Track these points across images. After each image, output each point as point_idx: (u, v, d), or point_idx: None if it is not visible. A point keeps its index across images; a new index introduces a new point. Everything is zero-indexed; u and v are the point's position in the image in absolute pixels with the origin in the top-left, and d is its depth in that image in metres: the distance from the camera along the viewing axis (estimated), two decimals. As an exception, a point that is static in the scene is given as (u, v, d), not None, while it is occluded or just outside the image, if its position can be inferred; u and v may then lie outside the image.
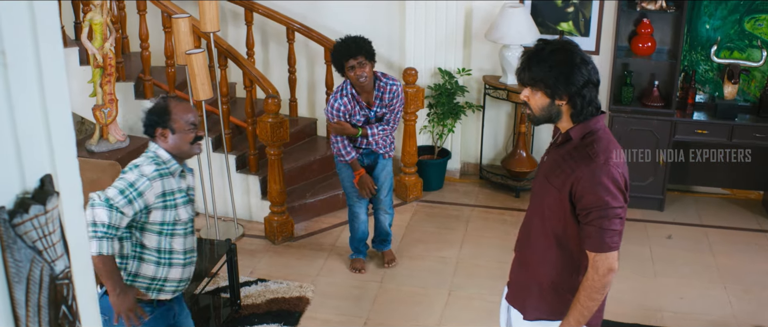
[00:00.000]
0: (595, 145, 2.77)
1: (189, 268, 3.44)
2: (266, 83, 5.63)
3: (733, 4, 5.99)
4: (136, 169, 3.18)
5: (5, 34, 1.23)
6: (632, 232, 5.94)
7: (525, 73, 2.80)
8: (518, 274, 3.14)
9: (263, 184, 6.02)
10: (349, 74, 4.78)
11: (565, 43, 2.81)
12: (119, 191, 3.10)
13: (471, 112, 6.66)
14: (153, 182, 3.16)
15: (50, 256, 1.31)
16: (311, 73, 6.93)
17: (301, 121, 6.73)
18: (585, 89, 2.74)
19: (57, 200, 1.31)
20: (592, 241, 2.76)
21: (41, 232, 1.29)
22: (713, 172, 6.49)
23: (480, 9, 6.48)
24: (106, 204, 3.07)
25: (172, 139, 3.25)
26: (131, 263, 3.29)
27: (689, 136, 6.07)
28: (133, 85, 6.02)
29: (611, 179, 2.72)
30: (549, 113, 2.81)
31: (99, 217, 3.07)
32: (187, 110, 3.31)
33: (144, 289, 3.32)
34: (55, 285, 1.33)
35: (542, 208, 2.92)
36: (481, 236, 5.89)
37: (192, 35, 5.38)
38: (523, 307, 3.10)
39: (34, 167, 1.32)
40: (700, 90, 6.26)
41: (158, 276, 3.32)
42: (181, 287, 3.44)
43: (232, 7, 6.76)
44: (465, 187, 6.75)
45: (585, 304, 2.82)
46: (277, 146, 5.54)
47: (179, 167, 3.29)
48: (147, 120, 3.30)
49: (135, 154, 5.71)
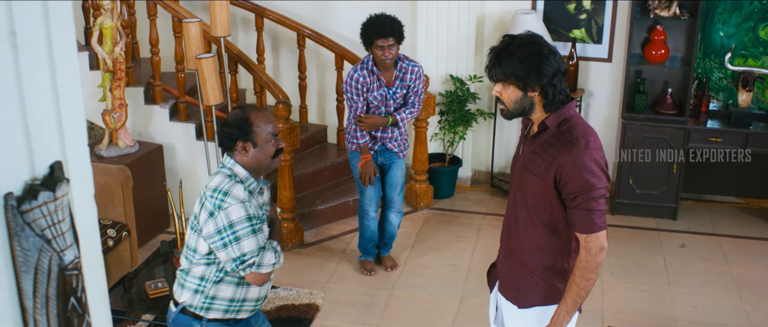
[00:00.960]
0: (573, 131, 2.86)
1: (266, 286, 3.25)
2: (277, 88, 5.59)
3: (747, 12, 5.94)
4: (227, 197, 2.94)
5: (15, 13, 1.19)
6: (645, 241, 5.88)
7: (495, 69, 2.88)
8: (507, 265, 3.19)
9: (273, 190, 5.98)
10: (375, 52, 4.83)
11: (529, 36, 2.90)
12: (251, 232, 2.96)
13: (483, 119, 6.60)
14: (251, 201, 2.99)
15: (59, 246, 1.27)
16: (321, 80, 6.90)
17: (311, 128, 6.69)
18: (555, 78, 2.83)
19: (67, 187, 1.27)
20: (581, 224, 2.85)
21: (50, 220, 1.25)
22: (726, 181, 6.42)
23: (492, 16, 6.45)
24: (262, 251, 3.02)
25: (253, 153, 3.02)
26: (209, 286, 3.12)
27: (703, 144, 6.00)
28: (142, 90, 5.99)
29: (594, 161, 2.81)
30: (522, 106, 2.88)
31: (269, 260, 3.06)
32: (268, 120, 3.06)
33: (222, 312, 3.16)
34: (64, 276, 1.28)
35: (525, 198, 2.99)
36: (492, 244, 5.78)
37: (202, 40, 5.35)
38: (517, 297, 3.15)
39: (43, 153, 1.28)
40: (714, 98, 6.20)
41: (237, 297, 3.16)
42: (258, 305, 3.29)
43: (242, 13, 6.74)
44: (476, 195, 6.70)
45: (581, 284, 2.90)
46: (288, 152, 5.50)
47: (257, 185, 3.10)
48: (225, 133, 3.03)
49: (144, 159, 5.70)
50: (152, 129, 6.04)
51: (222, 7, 5.34)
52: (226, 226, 2.93)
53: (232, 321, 3.23)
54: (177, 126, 6.01)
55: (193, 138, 6.01)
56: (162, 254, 4.80)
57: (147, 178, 5.74)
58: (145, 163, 5.72)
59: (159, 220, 5.96)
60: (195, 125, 6.00)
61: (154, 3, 5.88)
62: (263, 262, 3.02)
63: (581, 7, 6.27)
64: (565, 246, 3.01)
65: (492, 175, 6.80)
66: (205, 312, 3.15)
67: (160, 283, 4.39)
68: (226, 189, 2.95)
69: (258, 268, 3.01)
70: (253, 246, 2.97)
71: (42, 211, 1.23)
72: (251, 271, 3.01)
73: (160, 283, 4.39)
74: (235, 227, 2.93)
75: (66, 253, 1.28)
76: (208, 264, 3.09)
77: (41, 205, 1.23)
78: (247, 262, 2.98)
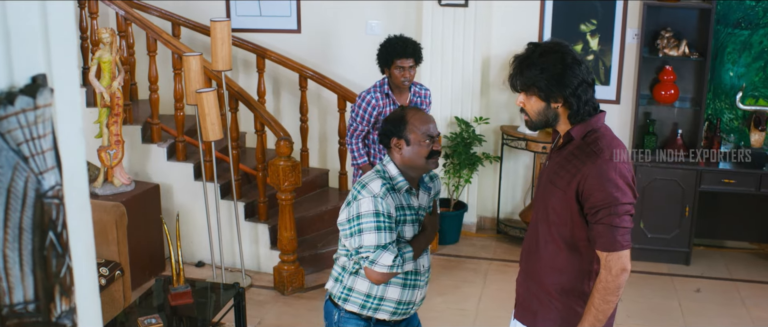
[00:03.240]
0: (600, 141, 2.71)
1: (412, 290, 3.15)
2: (278, 126, 5.44)
3: (757, 51, 5.84)
4: (363, 189, 3.00)
5: None
6: (659, 286, 5.66)
7: (517, 78, 2.75)
8: (525, 286, 3.00)
9: (273, 233, 5.78)
10: (394, 72, 4.76)
11: (554, 44, 2.75)
12: (375, 228, 2.95)
13: (489, 162, 6.44)
14: (386, 199, 2.98)
15: (38, 167, 1.08)
16: (323, 124, 6.76)
17: (312, 172, 6.52)
18: (579, 89, 2.68)
19: (51, 97, 1.09)
20: (603, 241, 2.66)
21: (29, 134, 1.06)
22: (739, 226, 6.24)
23: (498, 57, 6.34)
24: (380, 249, 2.95)
25: (406, 151, 3.05)
26: (347, 277, 3.13)
27: (716, 186, 5.83)
28: (140, 129, 5.84)
29: (619, 174, 2.64)
30: (546, 117, 2.76)
31: (386, 261, 2.96)
32: (425, 121, 3.07)
33: (359, 307, 3.13)
34: (42, 204, 1.10)
35: (547, 213, 2.82)
36: (500, 289, 5.60)
37: (203, 74, 5.23)
38: (534, 321, 2.94)
39: (25, 64, 1.10)
40: (725, 139, 6.06)
41: (373, 293, 3.10)
42: (401, 310, 3.16)
43: (243, 55, 6.63)
44: (482, 242, 6.49)
45: (600, 307, 2.71)
46: (289, 191, 5.32)
47: (406, 184, 3.07)
48: (383, 129, 3.12)
49: (140, 198, 5.51)
50: (149, 168, 5.86)
51: (223, 41, 5.23)
52: (354, 216, 2.98)
53: (372, 320, 3.16)
54: (175, 166, 5.84)
55: (191, 178, 5.83)
56: (157, 293, 4.58)
57: (142, 218, 5.54)
58: (140, 203, 5.53)
59: (154, 263, 5.73)
60: (194, 165, 5.83)
61: (154, 39, 5.76)
62: (378, 260, 2.96)
63: (588, 48, 6.18)
64: (587, 267, 2.80)
65: (498, 221, 6.60)
66: (343, 302, 3.15)
67: (153, 320, 4.16)
68: (365, 182, 3.03)
69: (371, 264, 2.97)
70: (373, 242, 2.95)
71: (19, 120, 1.05)
72: (365, 265, 3.00)
73: (154, 320, 4.16)
74: (361, 219, 2.97)
75: (45, 176, 1.09)
76: (347, 255, 3.11)
77: (18, 113, 1.05)
78: (361, 254, 2.99)
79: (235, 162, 5.61)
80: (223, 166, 5.97)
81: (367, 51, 6.37)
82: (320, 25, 6.59)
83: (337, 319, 3.18)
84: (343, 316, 3.16)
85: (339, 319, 3.18)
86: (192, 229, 5.85)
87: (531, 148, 6.13)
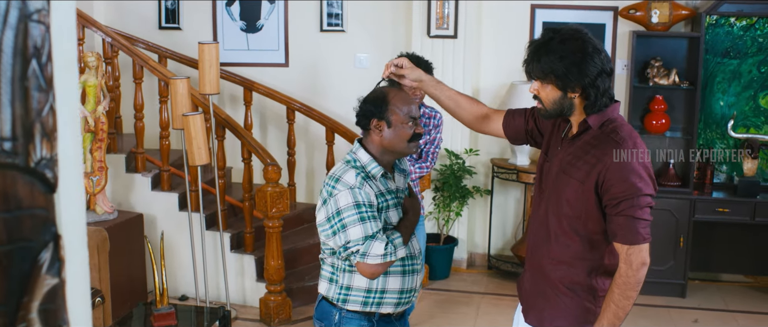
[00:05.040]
0: (620, 131, 2.61)
1: (412, 276, 2.98)
2: (264, 153, 5.34)
3: (746, 80, 5.84)
4: (338, 183, 2.81)
5: None
6: (655, 317, 5.53)
7: (533, 65, 2.63)
8: (533, 283, 2.86)
9: (259, 264, 5.61)
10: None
11: (574, 31, 2.63)
12: (359, 220, 2.77)
13: (479, 196, 6.34)
14: (364, 188, 2.79)
15: (22, -15, 0.98)
16: (310, 159, 6.67)
17: (299, 206, 6.39)
18: (598, 80, 2.57)
19: None
20: (623, 233, 2.54)
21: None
22: (734, 259, 6.14)
23: (487, 89, 6.31)
24: (369, 240, 2.77)
25: (387, 134, 2.86)
26: (342, 275, 2.92)
27: (710, 216, 5.75)
28: (124, 158, 5.71)
29: (642, 165, 2.54)
30: (561, 106, 2.64)
31: (377, 251, 2.78)
32: (407, 101, 2.90)
33: (361, 304, 2.92)
34: (26, 26, 0.99)
35: (560, 205, 2.68)
36: (493, 321, 5.44)
37: (190, 99, 5.14)
38: (541, 319, 2.81)
39: None
40: (718, 170, 6.00)
41: (374, 288, 2.91)
42: (404, 299, 2.98)
43: (230, 89, 6.57)
44: (473, 277, 6.34)
45: (619, 302, 2.57)
46: (277, 218, 5.19)
47: (381, 169, 2.88)
48: (361, 110, 2.91)
49: (123, 226, 5.37)
50: (133, 198, 5.72)
51: (211, 64, 5.16)
52: (334, 213, 2.80)
53: (375, 315, 2.95)
54: (159, 195, 5.70)
55: (176, 208, 5.69)
56: (137, 317, 4.41)
57: (125, 248, 5.37)
58: (123, 232, 5.37)
59: (136, 293, 5.53)
60: (179, 195, 5.69)
61: (140, 66, 5.69)
62: (369, 251, 2.77)
63: (578, 79, 6.15)
64: (598, 262, 2.68)
65: (489, 256, 6.47)
66: (343, 303, 2.94)
67: (135, 340, 3.99)
68: (338, 175, 2.84)
69: (363, 257, 2.78)
70: (359, 234, 2.77)
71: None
72: (357, 260, 2.80)
73: (136, 340, 3.99)
74: (341, 214, 2.78)
75: (30, -4, 0.99)
76: (334, 253, 2.92)
77: None
78: (349, 249, 2.79)
79: (221, 191, 5.48)
80: (209, 197, 5.83)
81: (356, 84, 6.32)
82: (308, 59, 6.56)
83: (338, 320, 2.96)
84: (345, 316, 2.94)
85: (340, 320, 2.96)
86: (176, 262, 5.68)
87: (522, 180, 6.06)
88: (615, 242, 2.58)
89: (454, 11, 6.09)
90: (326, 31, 6.49)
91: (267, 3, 6.53)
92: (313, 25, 6.51)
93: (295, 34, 6.54)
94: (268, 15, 6.54)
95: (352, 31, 6.46)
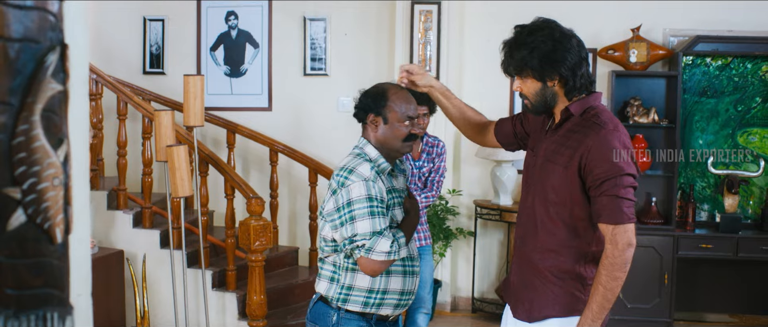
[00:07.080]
0: (601, 115, 2.65)
1: (412, 278, 2.95)
2: (247, 188, 5.31)
3: (724, 119, 5.94)
4: (352, 174, 2.78)
5: None
6: (643, 352, 5.47)
7: (509, 62, 2.72)
8: (520, 275, 2.85)
9: (241, 302, 5.52)
10: None
11: (540, 22, 2.72)
12: (369, 214, 2.74)
13: (462, 237, 6.32)
14: (377, 182, 2.79)
15: None
16: (293, 202, 6.64)
17: (281, 249, 6.33)
18: (573, 63, 2.64)
19: None
20: (607, 213, 2.54)
21: None
22: (720, 296, 6.13)
23: (469, 130, 6.36)
24: (376, 236, 2.74)
25: (382, 130, 2.87)
26: (345, 275, 2.87)
27: (694, 252, 5.77)
28: (106, 194, 5.67)
29: (622, 145, 2.56)
30: (544, 97, 2.71)
31: (383, 248, 2.74)
32: (406, 100, 2.88)
33: (361, 305, 2.88)
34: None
35: (545, 192, 2.70)
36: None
37: (174, 132, 5.13)
38: (530, 310, 2.78)
39: None
40: (699, 208, 6.05)
41: (376, 288, 2.87)
42: (403, 301, 2.94)
43: (213, 133, 6.58)
44: (457, 320, 6.27)
45: (607, 284, 2.56)
46: (260, 251, 5.13)
47: (389, 166, 2.89)
48: (360, 102, 2.92)
49: (104, 261, 5.30)
50: (114, 235, 5.65)
51: (196, 96, 5.18)
52: (344, 203, 2.77)
53: (373, 318, 2.91)
54: (141, 233, 5.64)
55: (158, 246, 5.61)
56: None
57: (104, 285, 5.28)
58: (103, 268, 5.28)
59: (114, 331, 5.42)
60: (160, 232, 5.63)
61: (124, 103, 5.70)
62: (375, 247, 2.73)
63: (559, 119, 6.23)
64: (585, 249, 2.68)
65: (473, 299, 6.41)
66: (343, 303, 2.90)
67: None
68: (352, 167, 2.81)
69: (368, 252, 2.74)
70: (368, 229, 2.74)
71: None
72: (361, 254, 2.76)
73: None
74: (352, 206, 2.75)
75: None
76: (336, 250, 2.89)
77: None
78: (355, 243, 2.76)
79: (204, 227, 5.43)
80: (191, 237, 5.77)
81: (339, 127, 6.38)
82: (292, 103, 6.60)
83: (337, 320, 2.91)
84: (343, 316, 2.90)
85: (338, 320, 2.91)
86: (157, 299, 5.58)
87: (505, 219, 6.06)
88: (600, 223, 2.57)
89: (436, 54, 6.19)
90: (309, 75, 6.56)
91: (251, 48, 6.61)
92: (297, 69, 6.58)
93: (278, 78, 6.60)
94: (252, 59, 6.61)
95: (335, 75, 6.54)
